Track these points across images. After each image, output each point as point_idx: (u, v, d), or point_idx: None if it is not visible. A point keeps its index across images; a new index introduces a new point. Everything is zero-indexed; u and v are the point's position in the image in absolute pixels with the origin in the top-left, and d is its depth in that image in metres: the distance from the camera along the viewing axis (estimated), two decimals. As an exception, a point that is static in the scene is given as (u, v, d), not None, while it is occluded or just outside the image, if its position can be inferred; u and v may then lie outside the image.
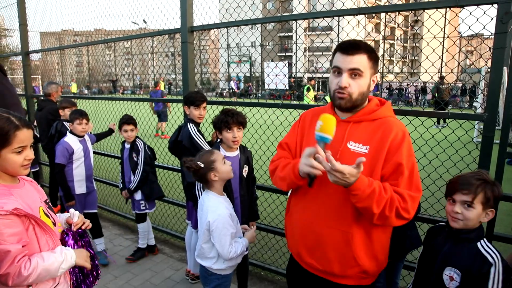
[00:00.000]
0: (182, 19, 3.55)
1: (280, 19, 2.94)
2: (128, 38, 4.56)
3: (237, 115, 2.72)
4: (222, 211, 2.25)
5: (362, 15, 2.66)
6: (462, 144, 2.75)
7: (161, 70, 24.79)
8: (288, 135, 2.00)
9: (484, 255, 1.59)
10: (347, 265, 1.69)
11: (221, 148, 2.80)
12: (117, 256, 4.11)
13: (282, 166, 1.87)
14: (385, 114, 1.74)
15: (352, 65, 1.62)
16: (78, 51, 24.38)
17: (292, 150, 1.93)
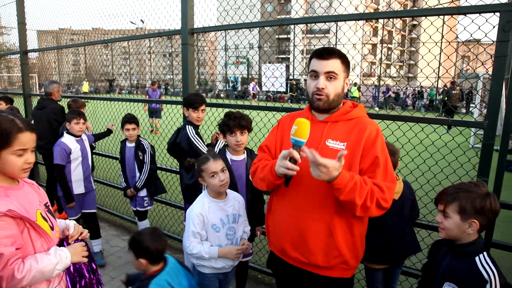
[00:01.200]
0: (183, 21, 3.54)
1: (282, 22, 2.94)
2: (127, 39, 4.55)
3: (239, 118, 2.70)
4: (195, 207, 2.36)
5: (360, 22, 2.66)
6: (462, 151, 2.76)
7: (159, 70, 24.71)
8: (268, 138, 2.12)
9: (480, 271, 1.57)
10: (330, 255, 1.81)
11: (227, 151, 2.79)
12: (113, 257, 4.09)
13: (261, 167, 1.97)
14: (359, 114, 1.91)
15: (327, 69, 1.79)
16: (75, 50, 24.27)
17: (272, 152, 2.05)
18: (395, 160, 2.48)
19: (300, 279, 1.94)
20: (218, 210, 2.38)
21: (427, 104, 23.44)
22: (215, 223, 2.36)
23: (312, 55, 1.87)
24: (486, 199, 1.61)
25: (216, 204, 2.38)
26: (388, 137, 2.87)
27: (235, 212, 2.45)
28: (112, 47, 19.97)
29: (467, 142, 3.01)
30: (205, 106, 3.24)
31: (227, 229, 2.40)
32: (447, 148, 2.84)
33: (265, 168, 1.92)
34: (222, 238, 2.38)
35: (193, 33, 3.54)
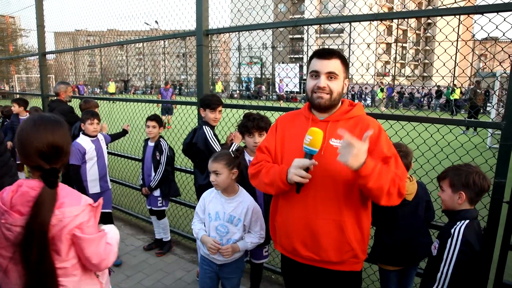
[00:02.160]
0: (198, 23, 3.57)
1: (296, 23, 2.94)
2: (143, 40, 4.61)
3: (258, 120, 2.72)
4: (206, 191, 2.60)
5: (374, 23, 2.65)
6: (479, 152, 2.73)
7: (173, 71, 24.90)
8: (267, 139, 2.12)
9: (451, 229, 1.94)
10: (342, 250, 1.85)
11: (245, 153, 2.81)
12: (128, 256, 4.15)
13: (265, 171, 1.96)
14: (359, 113, 1.93)
15: (329, 69, 1.82)
16: (91, 51, 24.62)
17: (272, 153, 2.04)
18: (408, 162, 2.46)
19: (312, 276, 1.98)
20: (218, 203, 2.49)
21: (443, 104, 23.07)
22: (210, 212, 2.49)
23: (312, 56, 1.90)
24: (471, 175, 1.98)
25: (220, 197, 2.50)
26: (403, 138, 2.85)
27: (235, 215, 2.47)
28: (127, 48, 20.22)
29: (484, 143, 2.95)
30: (221, 106, 3.27)
31: (219, 225, 2.47)
32: (464, 149, 2.80)
33: (270, 173, 1.92)
34: (211, 229, 2.48)
35: (207, 34, 3.57)
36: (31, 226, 1.39)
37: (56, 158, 1.49)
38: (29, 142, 1.44)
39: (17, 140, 1.47)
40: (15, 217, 1.40)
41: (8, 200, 1.42)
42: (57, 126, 1.51)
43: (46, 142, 1.45)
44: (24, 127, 1.48)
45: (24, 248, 1.40)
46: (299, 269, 2.01)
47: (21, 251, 1.41)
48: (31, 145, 1.44)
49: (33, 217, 1.39)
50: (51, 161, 1.47)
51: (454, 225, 1.96)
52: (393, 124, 2.82)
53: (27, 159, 1.47)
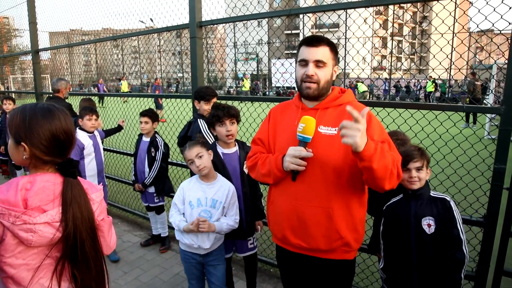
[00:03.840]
0: (191, 14, 3.52)
1: (290, 12, 2.89)
2: (136, 34, 4.55)
3: (228, 108, 2.69)
4: (183, 182, 2.63)
5: (368, 13, 2.60)
6: (478, 138, 2.70)
7: (169, 68, 24.73)
8: (260, 130, 2.12)
9: (441, 198, 2.08)
10: (331, 238, 1.83)
11: (217, 146, 2.75)
12: (126, 252, 4.11)
13: (261, 162, 1.97)
14: (348, 99, 1.91)
15: (317, 57, 1.79)
16: (86, 51, 24.43)
17: (266, 145, 2.05)
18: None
19: (304, 265, 1.98)
20: (199, 190, 2.52)
21: (438, 96, 23.14)
22: (191, 200, 2.51)
23: (301, 43, 1.88)
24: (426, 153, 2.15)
25: (200, 184, 2.54)
26: (401, 126, 2.81)
27: (217, 198, 2.52)
28: (123, 47, 20.11)
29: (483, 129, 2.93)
30: (216, 98, 3.23)
31: (202, 211, 2.49)
32: (462, 137, 2.77)
33: (266, 163, 1.93)
34: (194, 216, 2.47)
35: (201, 26, 3.52)
36: (76, 222, 1.33)
37: (69, 148, 1.44)
38: (45, 132, 1.33)
39: (26, 130, 1.32)
40: (37, 216, 1.28)
41: (18, 201, 1.26)
42: (68, 116, 1.44)
43: (62, 130, 1.38)
44: (34, 116, 1.34)
45: (72, 247, 1.33)
46: (291, 258, 2.02)
47: (68, 252, 1.33)
48: (49, 135, 1.34)
49: (75, 212, 1.33)
50: (65, 151, 1.41)
51: (428, 198, 2.08)
52: (391, 112, 2.79)
53: (42, 151, 1.34)
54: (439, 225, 2.03)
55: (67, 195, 1.34)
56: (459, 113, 2.59)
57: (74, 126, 1.47)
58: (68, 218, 1.32)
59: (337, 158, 1.75)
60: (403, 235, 2.11)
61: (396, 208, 2.19)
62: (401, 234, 2.13)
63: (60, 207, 1.33)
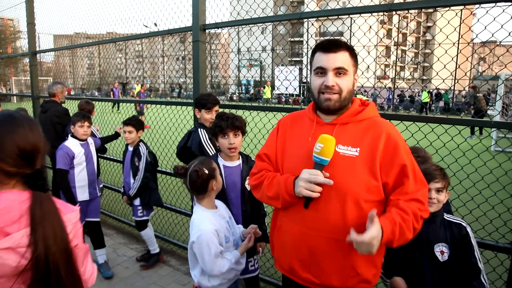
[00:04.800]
0: (194, 17, 3.32)
1: (301, 16, 2.68)
2: (138, 37, 4.35)
3: (232, 118, 2.45)
4: (206, 226, 2.04)
5: (374, 20, 2.41)
6: (491, 155, 2.46)
7: (173, 73, 24.61)
8: (267, 145, 1.88)
9: (456, 223, 1.91)
10: (346, 276, 1.59)
11: (219, 157, 2.52)
12: (120, 267, 3.87)
13: (268, 182, 1.74)
14: (371, 114, 1.67)
15: (337, 64, 1.57)
16: (90, 54, 24.39)
17: (273, 161, 1.82)
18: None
19: None
20: (220, 219, 2.18)
21: (442, 107, 23.02)
22: (225, 234, 2.16)
23: (315, 49, 1.64)
24: None
25: (216, 214, 2.18)
26: (407, 140, 2.57)
27: (227, 215, 2.29)
28: (126, 51, 20.03)
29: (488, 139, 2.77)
30: (218, 107, 3.01)
31: (231, 235, 2.23)
32: (471, 152, 2.55)
33: (273, 184, 1.69)
34: (230, 246, 2.19)
35: (204, 29, 3.31)
36: (48, 243, 1.13)
37: (37, 159, 1.23)
38: (9, 142, 1.16)
39: None
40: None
41: None
42: (34, 123, 1.27)
43: (28, 141, 1.20)
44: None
45: (43, 273, 1.12)
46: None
47: (40, 278, 1.12)
48: (13, 145, 1.16)
49: (46, 231, 1.14)
50: (33, 162, 1.22)
51: (442, 222, 1.92)
52: (397, 125, 2.56)
53: (6, 162, 1.16)
54: (454, 253, 1.86)
55: (36, 212, 1.15)
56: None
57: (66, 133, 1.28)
58: (37, 238, 1.12)
59: (357, 184, 1.52)
60: (414, 258, 1.93)
61: None
62: (411, 256, 1.94)
63: (27, 228, 1.12)
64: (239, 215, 2.47)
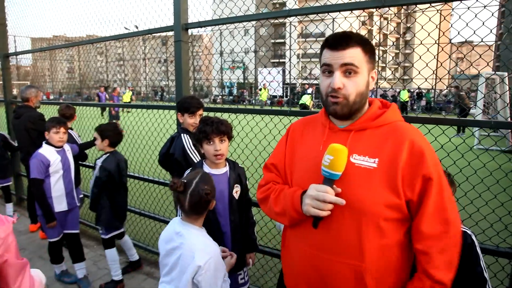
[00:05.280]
0: (176, 16, 3.15)
1: (289, 13, 2.55)
2: (117, 37, 4.15)
3: (217, 123, 2.26)
4: (213, 249, 1.84)
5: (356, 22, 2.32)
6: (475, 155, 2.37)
7: (155, 76, 24.18)
8: (275, 154, 1.68)
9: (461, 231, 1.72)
10: None
11: (204, 165, 2.34)
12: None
13: (275, 196, 1.55)
14: (393, 118, 1.43)
15: (344, 60, 1.33)
16: (69, 57, 23.76)
17: (281, 171, 1.62)
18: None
19: None
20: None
21: (424, 106, 23.35)
22: None
23: (323, 45, 1.41)
24: (450, 177, 1.83)
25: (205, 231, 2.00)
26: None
27: None
28: (107, 54, 19.62)
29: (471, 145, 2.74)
30: (202, 110, 2.83)
31: None
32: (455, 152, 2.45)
33: (280, 199, 1.52)
34: None
35: (187, 28, 3.14)
36: None
37: None
38: None
39: None
40: None
41: None
42: None
43: None
44: None
45: None
46: None
47: None
48: None
49: None
50: None
51: None
52: None
53: None
54: (459, 262, 1.70)
55: None
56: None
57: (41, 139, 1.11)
58: None
59: (375, 200, 1.30)
60: None
61: None
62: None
63: None
64: (227, 225, 2.30)
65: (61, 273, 3.68)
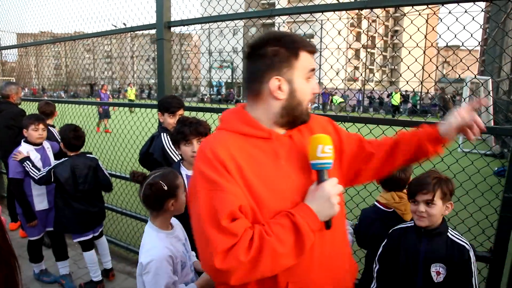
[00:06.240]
0: (158, 14, 3.12)
1: (271, 13, 2.55)
2: (100, 35, 4.10)
3: (196, 124, 2.25)
4: (160, 251, 1.75)
5: (343, 25, 2.32)
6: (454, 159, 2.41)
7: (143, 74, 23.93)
8: (227, 199, 1.11)
9: (460, 244, 1.76)
10: None
11: (181, 166, 2.30)
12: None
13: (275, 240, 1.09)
14: None
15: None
16: (57, 54, 23.45)
17: (248, 211, 1.15)
18: (407, 178, 2.09)
19: None
20: (176, 242, 1.90)
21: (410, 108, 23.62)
22: (181, 259, 1.87)
23: (297, 47, 1.25)
24: (452, 183, 1.80)
25: (172, 235, 1.90)
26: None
27: (184, 236, 2.02)
28: (94, 51, 19.39)
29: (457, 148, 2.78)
30: (183, 110, 2.81)
31: (188, 260, 1.96)
32: None
33: (281, 239, 1.09)
34: (188, 272, 1.93)
35: (169, 26, 3.12)
36: None
37: None
38: None
39: None
40: None
41: None
42: None
43: None
44: None
45: None
46: None
47: None
48: None
49: None
50: None
51: (444, 239, 1.77)
52: (373, 129, 2.48)
53: None
54: (450, 275, 1.74)
55: None
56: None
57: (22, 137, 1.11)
58: None
59: None
60: (407, 271, 1.82)
61: (405, 238, 1.87)
62: (404, 268, 1.83)
63: None
64: None
65: (40, 272, 3.63)
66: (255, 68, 1.25)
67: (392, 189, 2.09)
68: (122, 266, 3.90)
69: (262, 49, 1.23)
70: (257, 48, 1.25)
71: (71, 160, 3.16)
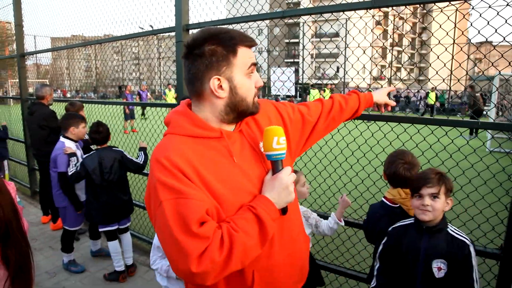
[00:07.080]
0: (177, 17, 3.25)
1: (283, 15, 2.63)
2: (120, 38, 4.28)
3: None
4: None
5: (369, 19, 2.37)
6: (478, 157, 2.39)
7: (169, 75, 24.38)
8: (192, 204, 1.10)
9: (460, 239, 1.77)
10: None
11: None
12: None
13: (243, 234, 1.12)
14: None
15: None
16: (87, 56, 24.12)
17: (214, 213, 1.17)
18: (413, 176, 2.11)
19: None
20: None
21: (438, 107, 23.04)
22: None
23: (235, 43, 1.25)
24: (449, 179, 1.83)
25: None
26: (405, 143, 2.51)
27: None
28: (123, 53, 19.91)
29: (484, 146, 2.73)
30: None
31: None
32: (462, 154, 2.47)
33: (248, 231, 1.14)
34: None
35: (188, 29, 3.25)
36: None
37: None
38: None
39: None
40: None
41: None
42: None
43: None
44: None
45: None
46: None
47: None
48: None
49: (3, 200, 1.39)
50: None
51: (445, 235, 1.79)
52: (395, 127, 2.50)
53: None
54: (451, 270, 1.75)
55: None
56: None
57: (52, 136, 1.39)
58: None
59: None
60: (407, 268, 1.84)
61: (405, 235, 1.89)
62: (404, 265, 1.85)
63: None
64: None
65: (68, 262, 3.86)
66: (194, 68, 1.24)
67: (398, 186, 2.13)
68: (144, 259, 4.07)
69: (200, 49, 1.22)
70: (195, 47, 1.23)
71: (98, 152, 3.52)
